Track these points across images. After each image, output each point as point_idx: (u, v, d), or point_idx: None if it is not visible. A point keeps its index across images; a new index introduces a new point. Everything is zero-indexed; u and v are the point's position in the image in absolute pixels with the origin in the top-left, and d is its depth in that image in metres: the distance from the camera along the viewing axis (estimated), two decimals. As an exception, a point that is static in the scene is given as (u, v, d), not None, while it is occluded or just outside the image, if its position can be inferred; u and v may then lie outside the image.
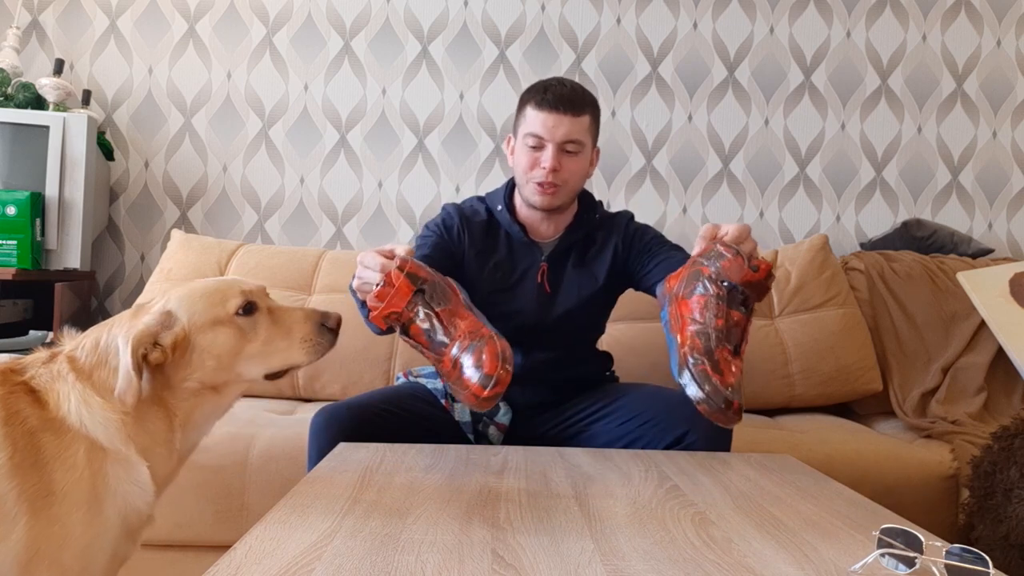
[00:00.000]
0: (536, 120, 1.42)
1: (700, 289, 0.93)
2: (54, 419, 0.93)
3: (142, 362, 0.97)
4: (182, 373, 1.02)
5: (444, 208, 1.59)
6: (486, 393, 0.86)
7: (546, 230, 1.54)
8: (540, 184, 1.43)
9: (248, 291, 1.06)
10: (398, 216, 2.56)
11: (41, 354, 1.01)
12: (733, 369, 0.85)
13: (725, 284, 0.93)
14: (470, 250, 1.52)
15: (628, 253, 1.55)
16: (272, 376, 1.08)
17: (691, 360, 0.86)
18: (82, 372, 0.98)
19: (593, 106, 1.46)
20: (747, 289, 0.92)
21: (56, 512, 0.89)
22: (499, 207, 1.54)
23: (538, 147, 1.43)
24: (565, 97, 1.41)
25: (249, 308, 1.05)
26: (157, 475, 1.00)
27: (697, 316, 0.90)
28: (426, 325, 0.93)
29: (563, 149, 1.42)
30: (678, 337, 0.91)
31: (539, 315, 1.52)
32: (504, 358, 0.84)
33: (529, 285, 1.52)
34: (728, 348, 0.87)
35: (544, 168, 1.41)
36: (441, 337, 0.92)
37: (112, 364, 0.98)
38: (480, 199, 1.59)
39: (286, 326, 1.07)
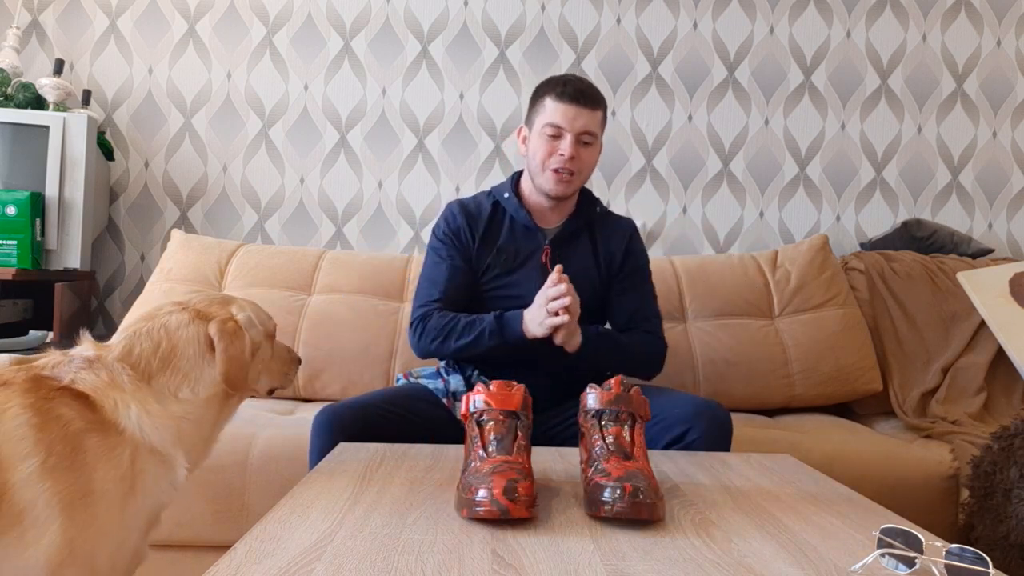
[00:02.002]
0: (556, 111, 1.50)
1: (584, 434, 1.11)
2: (104, 421, 0.96)
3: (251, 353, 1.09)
4: None
5: (448, 207, 1.65)
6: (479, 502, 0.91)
7: (551, 217, 1.62)
8: (557, 171, 1.52)
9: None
10: (398, 216, 2.56)
11: (56, 356, 1.01)
12: (625, 466, 0.97)
13: (591, 414, 1.08)
14: (478, 241, 1.60)
15: (621, 265, 1.64)
16: (271, 392, 1.25)
17: (592, 481, 0.97)
18: (143, 377, 1.02)
19: (604, 102, 1.57)
20: (613, 406, 1.06)
21: (93, 512, 0.91)
22: (506, 194, 1.63)
23: (557, 136, 1.51)
24: (584, 91, 1.51)
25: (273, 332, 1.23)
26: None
27: (587, 453, 1.06)
28: (494, 434, 1.03)
29: (580, 140, 1.51)
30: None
31: None
32: (507, 491, 0.89)
33: (533, 267, 1.59)
34: (617, 456, 1.00)
35: (563, 155, 1.50)
36: (492, 449, 1.02)
37: (182, 367, 1.05)
38: (486, 193, 1.68)
39: (283, 356, 1.26)
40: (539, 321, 1.42)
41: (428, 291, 1.58)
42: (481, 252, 1.60)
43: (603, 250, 1.62)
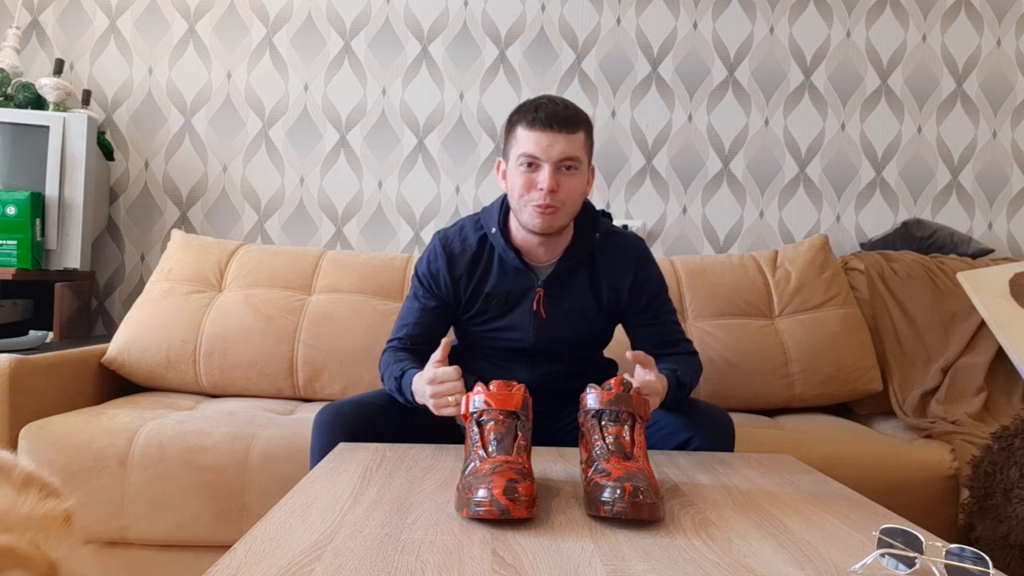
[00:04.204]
0: (530, 140, 1.35)
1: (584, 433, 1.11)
2: None
3: None
4: None
5: (432, 242, 1.54)
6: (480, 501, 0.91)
7: (543, 254, 1.48)
8: (538, 206, 1.37)
9: None
10: (398, 216, 2.56)
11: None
12: (625, 466, 0.98)
13: (591, 414, 1.08)
14: (463, 288, 1.51)
15: (633, 301, 1.52)
16: None
17: (593, 480, 0.98)
18: None
19: (587, 123, 1.40)
20: (613, 407, 1.07)
21: None
22: (493, 229, 1.48)
23: (534, 168, 1.36)
24: (558, 115, 1.35)
25: None
26: None
27: (587, 454, 1.07)
28: (494, 434, 1.03)
29: (560, 168, 1.36)
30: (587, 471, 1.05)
31: (536, 338, 1.51)
32: (507, 491, 0.89)
33: (525, 311, 1.50)
34: (617, 457, 1.00)
35: (542, 189, 1.35)
36: (491, 449, 1.02)
37: None
38: (475, 220, 1.54)
39: None
40: (429, 401, 1.26)
41: (397, 328, 1.55)
42: (467, 296, 1.51)
43: (605, 285, 1.50)
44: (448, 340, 1.31)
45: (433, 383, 1.24)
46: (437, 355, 1.27)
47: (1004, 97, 2.60)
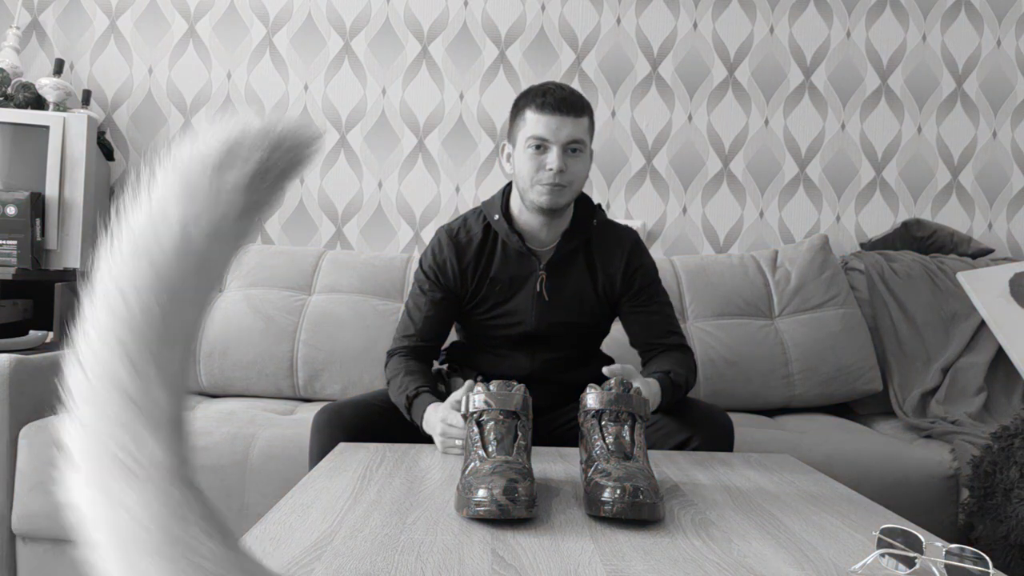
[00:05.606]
0: (539, 123, 1.42)
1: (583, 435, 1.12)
2: None
3: None
4: None
5: (436, 236, 1.57)
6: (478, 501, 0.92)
7: (545, 236, 1.52)
8: (547, 185, 1.43)
9: None
10: (398, 216, 2.56)
11: None
12: (625, 466, 0.98)
13: (591, 414, 1.08)
14: (470, 276, 1.53)
15: (626, 287, 1.55)
16: None
17: (594, 480, 0.98)
18: None
19: (590, 108, 1.48)
20: (613, 407, 1.07)
21: None
22: (496, 216, 1.52)
23: (542, 149, 1.43)
24: (566, 100, 1.42)
25: None
26: None
27: (587, 454, 1.07)
28: (494, 434, 1.03)
29: (567, 150, 1.42)
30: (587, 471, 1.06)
31: (540, 321, 1.53)
32: (507, 491, 0.90)
33: (527, 295, 1.53)
34: (617, 457, 1.01)
35: (551, 169, 1.41)
36: (491, 449, 1.03)
37: None
38: (477, 212, 1.58)
39: None
40: (438, 438, 1.30)
41: (404, 326, 1.55)
42: (473, 285, 1.53)
43: (600, 271, 1.55)
44: (471, 382, 1.31)
45: (444, 423, 1.28)
46: (458, 395, 1.30)
47: (1004, 97, 2.60)
